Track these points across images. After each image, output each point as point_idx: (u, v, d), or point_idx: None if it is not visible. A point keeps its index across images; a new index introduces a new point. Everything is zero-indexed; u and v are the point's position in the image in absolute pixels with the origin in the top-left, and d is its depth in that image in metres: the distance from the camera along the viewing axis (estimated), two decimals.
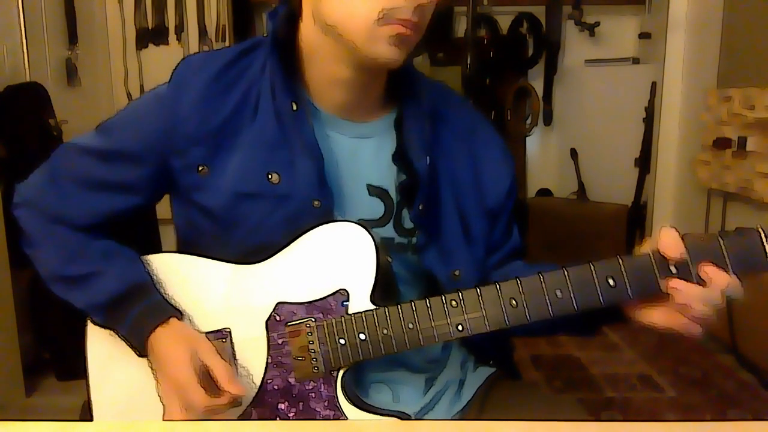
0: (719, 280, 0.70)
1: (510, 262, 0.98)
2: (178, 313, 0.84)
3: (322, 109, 0.86)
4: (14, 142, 2.38)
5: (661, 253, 0.72)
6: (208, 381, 0.79)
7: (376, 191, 0.88)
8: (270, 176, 0.83)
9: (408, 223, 0.88)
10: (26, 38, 2.60)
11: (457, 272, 0.89)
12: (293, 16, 0.85)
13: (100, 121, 0.92)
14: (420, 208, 0.86)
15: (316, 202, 0.83)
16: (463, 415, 0.91)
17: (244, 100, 0.85)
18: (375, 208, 0.88)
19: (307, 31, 0.83)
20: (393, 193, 0.88)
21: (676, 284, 0.71)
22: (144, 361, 0.85)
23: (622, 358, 2.60)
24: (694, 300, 0.71)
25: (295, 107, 0.83)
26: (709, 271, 0.71)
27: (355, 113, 0.87)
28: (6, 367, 2.15)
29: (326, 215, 0.83)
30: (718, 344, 2.62)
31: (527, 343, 2.70)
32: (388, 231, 0.88)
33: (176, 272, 0.88)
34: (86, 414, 0.89)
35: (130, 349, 0.85)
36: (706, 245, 0.71)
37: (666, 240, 0.71)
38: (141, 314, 0.83)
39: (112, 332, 0.86)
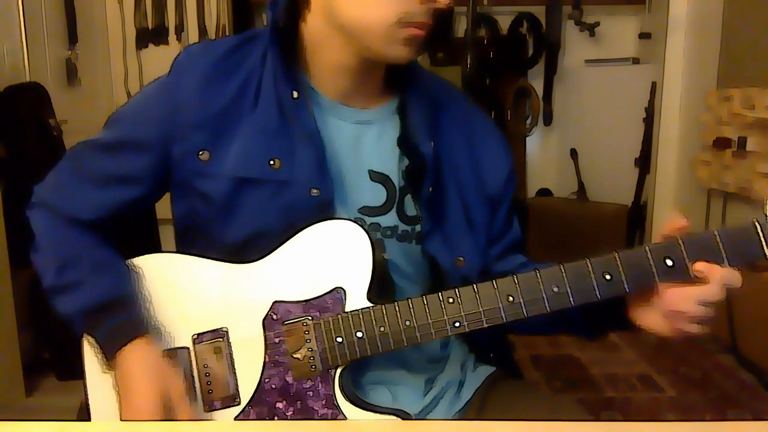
0: (714, 274, 0.70)
1: (511, 254, 0.99)
2: (153, 334, 0.84)
3: (324, 96, 0.87)
4: (14, 142, 2.38)
5: (661, 232, 0.73)
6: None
7: (378, 177, 0.88)
8: (272, 162, 0.84)
9: (411, 211, 0.89)
10: (26, 38, 2.60)
11: (461, 259, 0.90)
12: (295, 6, 0.85)
13: (100, 121, 0.93)
14: (429, 190, 0.87)
15: (314, 191, 0.83)
16: (463, 415, 0.91)
17: (245, 88, 0.85)
18: (377, 194, 0.88)
19: (314, 22, 0.84)
20: (395, 179, 0.89)
21: (670, 293, 0.72)
22: None
23: (622, 358, 2.60)
24: (688, 303, 0.71)
25: (295, 95, 0.84)
26: (701, 267, 0.71)
27: (357, 99, 0.88)
28: (6, 367, 2.15)
29: (324, 205, 0.84)
30: (718, 344, 2.62)
31: (527, 343, 2.70)
32: (392, 218, 0.88)
33: (173, 272, 0.88)
34: (84, 414, 0.89)
35: None
36: (702, 240, 0.71)
37: (669, 220, 0.73)
38: (112, 329, 0.83)
39: None
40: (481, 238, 0.94)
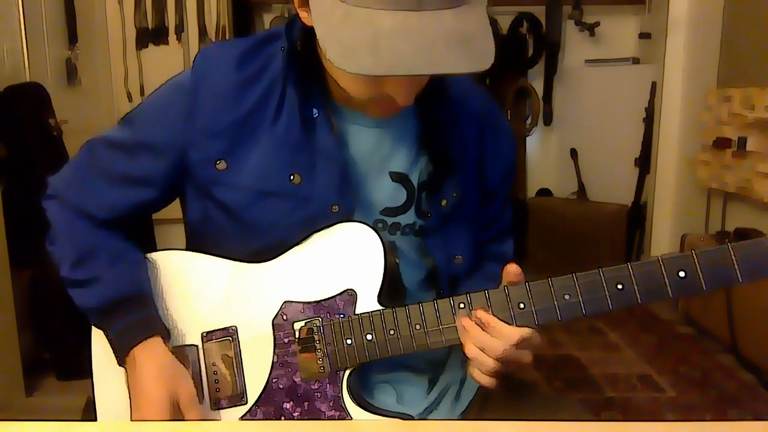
0: (503, 331, 0.74)
1: (499, 240, 1.00)
2: (165, 332, 0.84)
3: (344, 107, 0.86)
4: (14, 142, 2.38)
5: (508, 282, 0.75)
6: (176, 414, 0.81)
7: (397, 177, 0.88)
8: (292, 177, 0.83)
9: (425, 207, 0.89)
10: (26, 38, 2.60)
11: (459, 257, 0.90)
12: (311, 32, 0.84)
13: (100, 121, 0.92)
14: (454, 195, 0.87)
15: (335, 207, 0.83)
16: (465, 414, 0.91)
17: (266, 98, 0.84)
18: (398, 195, 0.88)
19: None
20: (414, 178, 0.88)
21: (465, 323, 0.75)
22: None
23: (622, 358, 2.60)
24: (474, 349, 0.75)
25: (315, 114, 0.83)
26: (480, 315, 0.75)
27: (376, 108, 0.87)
28: (6, 367, 2.15)
29: (345, 220, 0.83)
30: (718, 344, 2.62)
31: None
32: (411, 216, 0.89)
33: (185, 269, 0.88)
34: (88, 413, 0.89)
35: None
36: (716, 254, 0.70)
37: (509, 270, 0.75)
38: (126, 326, 0.83)
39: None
40: (475, 231, 0.95)
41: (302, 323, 0.82)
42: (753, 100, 2.57)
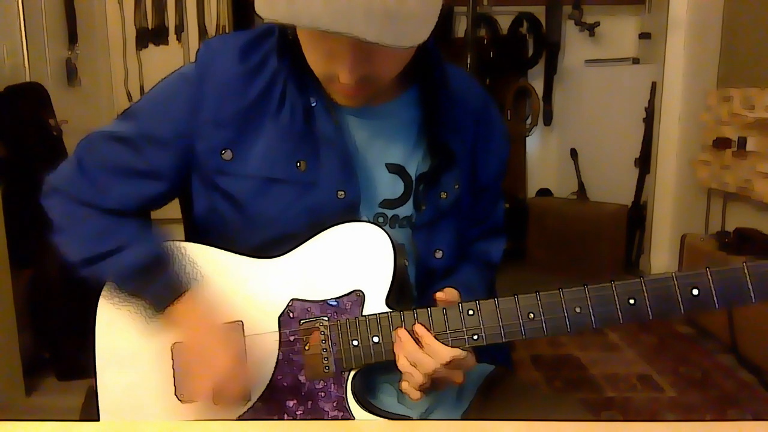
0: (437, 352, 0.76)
1: (487, 238, 1.00)
2: (196, 282, 0.84)
3: (334, 99, 0.86)
4: (14, 142, 2.38)
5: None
6: None
7: (394, 169, 0.88)
8: (298, 164, 0.84)
9: (422, 199, 0.89)
10: (26, 38, 2.60)
11: (439, 252, 0.90)
12: None
13: (100, 121, 0.92)
14: (456, 188, 0.88)
15: (340, 193, 0.84)
16: (465, 414, 0.91)
17: (270, 89, 0.85)
18: (395, 186, 0.88)
19: None
20: (411, 170, 0.89)
21: (401, 334, 0.77)
22: (152, 361, 0.85)
23: (622, 358, 2.60)
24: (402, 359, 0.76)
25: (314, 103, 0.84)
26: (419, 331, 0.76)
27: (373, 100, 0.87)
28: (6, 367, 2.15)
29: (350, 207, 0.84)
30: (718, 344, 2.62)
31: (527, 343, 2.70)
32: (408, 209, 0.89)
33: (193, 262, 0.87)
34: (87, 412, 0.89)
35: (138, 349, 0.85)
36: (730, 272, 0.69)
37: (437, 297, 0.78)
38: (168, 280, 0.83)
39: (123, 324, 0.86)
40: (464, 225, 0.95)
41: (309, 322, 0.81)
42: (753, 100, 2.58)
